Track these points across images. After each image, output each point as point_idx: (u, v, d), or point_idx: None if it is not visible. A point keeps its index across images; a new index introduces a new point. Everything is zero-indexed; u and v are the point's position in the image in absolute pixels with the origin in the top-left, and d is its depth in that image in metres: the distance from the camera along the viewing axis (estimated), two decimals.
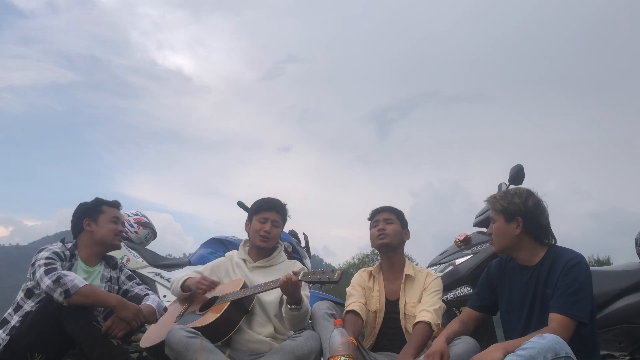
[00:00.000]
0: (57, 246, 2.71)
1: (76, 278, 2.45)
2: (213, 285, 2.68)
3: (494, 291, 2.46)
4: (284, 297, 2.51)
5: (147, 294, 2.87)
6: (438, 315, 2.60)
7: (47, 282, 2.39)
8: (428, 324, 2.52)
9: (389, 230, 2.80)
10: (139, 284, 2.96)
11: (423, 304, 2.65)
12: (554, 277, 2.20)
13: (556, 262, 2.23)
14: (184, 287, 2.75)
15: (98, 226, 2.80)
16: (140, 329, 2.71)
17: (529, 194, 2.36)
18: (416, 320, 2.57)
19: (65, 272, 2.48)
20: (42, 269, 2.46)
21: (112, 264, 2.91)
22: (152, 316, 2.68)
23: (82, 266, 2.75)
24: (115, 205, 2.94)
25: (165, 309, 2.85)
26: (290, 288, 2.40)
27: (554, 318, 2.09)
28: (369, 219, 2.93)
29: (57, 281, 2.38)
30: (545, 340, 1.89)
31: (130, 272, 3.00)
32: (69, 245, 2.79)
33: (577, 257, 2.22)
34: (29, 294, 2.62)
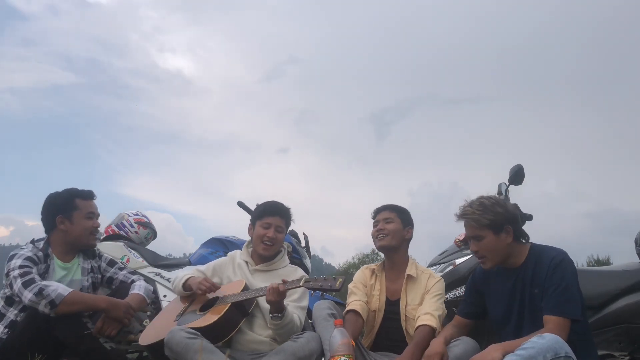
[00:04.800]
0: (28, 249, 2.53)
1: (59, 287, 2.33)
2: (214, 287, 2.66)
3: (482, 297, 2.45)
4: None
5: (132, 280, 2.77)
6: (441, 321, 2.55)
7: (28, 295, 2.28)
8: (433, 329, 2.45)
9: (388, 230, 2.75)
10: (121, 269, 2.84)
11: (426, 307, 2.57)
12: (540, 276, 2.19)
13: (540, 261, 2.22)
14: (186, 286, 2.74)
15: (72, 224, 2.61)
16: (139, 328, 2.70)
17: (502, 199, 2.34)
18: (420, 323, 2.50)
19: (46, 282, 2.36)
20: (19, 280, 2.32)
21: (89, 254, 2.76)
22: (142, 304, 2.62)
23: (58, 264, 2.61)
24: (90, 196, 2.70)
25: (155, 292, 2.81)
26: (274, 296, 2.37)
27: (549, 320, 2.08)
28: (372, 218, 2.88)
29: (40, 293, 2.26)
30: (545, 340, 1.90)
31: (111, 257, 2.87)
32: (41, 244, 2.60)
33: (561, 253, 2.21)
34: (10, 301, 2.48)
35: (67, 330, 2.32)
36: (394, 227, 2.77)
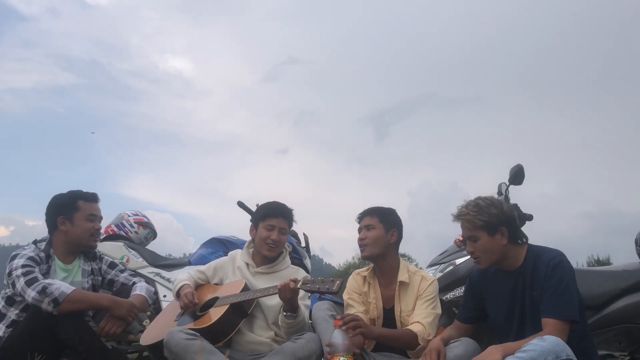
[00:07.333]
0: (30, 250, 2.54)
1: (62, 285, 2.34)
2: (191, 305, 2.58)
3: (481, 300, 2.42)
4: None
5: (133, 282, 2.78)
6: (432, 327, 2.48)
7: (32, 294, 2.28)
8: (415, 335, 2.40)
9: (368, 239, 2.61)
10: (122, 271, 2.85)
11: (417, 315, 2.50)
12: (538, 278, 2.17)
13: (538, 263, 2.20)
14: (179, 294, 2.70)
15: (73, 225, 2.61)
16: (139, 328, 2.71)
17: (499, 200, 2.30)
18: (407, 327, 2.46)
19: (49, 280, 2.37)
20: (22, 279, 2.33)
21: (90, 256, 2.77)
22: (145, 305, 2.62)
23: (60, 265, 2.62)
24: (93, 199, 2.70)
25: (156, 293, 2.81)
26: (287, 294, 2.36)
27: (548, 323, 2.06)
28: (357, 222, 2.73)
29: (43, 291, 2.27)
30: (546, 342, 1.88)
31: (112, 260, 2.88)
32: (43, 244, 2.61)
33: (558, 255, 2.20)
34: (10, 301, 2.48)
35: (69, 329, 2.32)
36: (374, 234, 2.61)
